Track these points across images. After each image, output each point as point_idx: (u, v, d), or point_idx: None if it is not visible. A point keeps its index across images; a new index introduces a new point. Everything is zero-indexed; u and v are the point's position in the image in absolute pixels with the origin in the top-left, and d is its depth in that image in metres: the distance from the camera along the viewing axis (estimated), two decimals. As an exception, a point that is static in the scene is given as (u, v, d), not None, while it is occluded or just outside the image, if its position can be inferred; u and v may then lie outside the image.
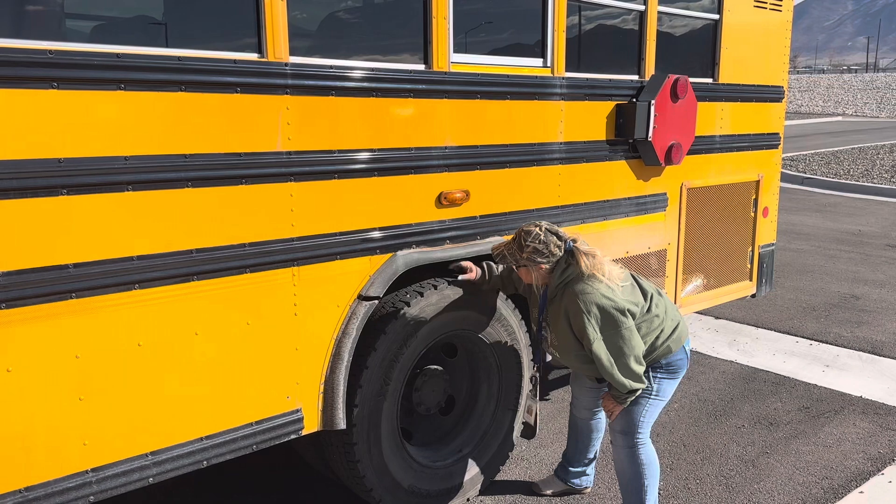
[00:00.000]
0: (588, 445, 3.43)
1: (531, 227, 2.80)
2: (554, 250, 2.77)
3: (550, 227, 2.81)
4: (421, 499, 3.25)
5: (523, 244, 2.77)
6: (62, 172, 2.15)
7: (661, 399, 2.98)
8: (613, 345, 2.73)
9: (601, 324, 2.71)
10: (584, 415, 3.38)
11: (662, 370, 2.94)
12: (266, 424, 2.72)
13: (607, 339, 2.73)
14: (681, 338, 2.95)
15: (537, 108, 3.41)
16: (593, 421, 3.38)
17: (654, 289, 2.98)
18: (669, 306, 2.98)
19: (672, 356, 2.93)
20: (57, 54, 2.12)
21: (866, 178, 13.87)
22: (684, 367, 3.00)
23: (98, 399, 2.32)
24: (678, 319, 2.97)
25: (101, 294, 2.27)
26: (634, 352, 2.76)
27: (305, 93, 2.64)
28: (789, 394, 4.65)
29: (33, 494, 2.24)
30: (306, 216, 2.70)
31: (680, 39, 4.30)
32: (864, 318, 6.11)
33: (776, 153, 4.93)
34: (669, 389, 3.00)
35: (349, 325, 2.87)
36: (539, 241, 2.76)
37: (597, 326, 2.71)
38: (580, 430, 3.41)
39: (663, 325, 2.90)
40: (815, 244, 8.87)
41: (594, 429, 3.40)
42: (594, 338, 2.72)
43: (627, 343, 2.74)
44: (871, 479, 3.65)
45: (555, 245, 2.77)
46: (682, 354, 2.97)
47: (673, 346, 2.92)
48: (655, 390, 2.94)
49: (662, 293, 3.01)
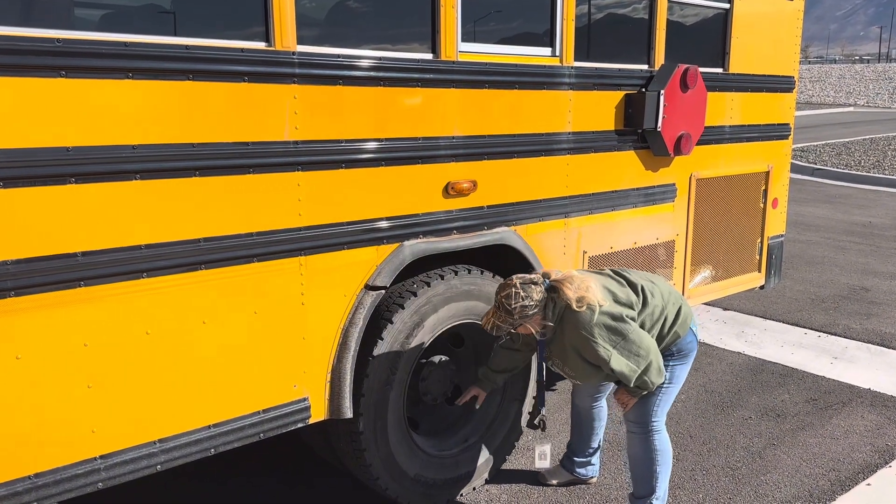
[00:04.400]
0: (591, 434, 3.43)
1: (507, 288, 2.71)
2: (537, 297, 2.69)
3: (523, 278, 2.74)
4: (427, 487, 3.26)
5: (510, 308, 2.68)
6: (70, 161, 2.16)
7: (673, 385, 2.98)
8: (629, 353, 2.71)
9: (609, 340, 2.69)
10: (586, 402, 3.38)
11: (674, 357, 2.94)
12: (273, 413, 2.73)
13: (621, 351, 2.70)
14: (686, 321, 2.93)
15: (546, 98, 3.39)
16: (595, 409, 3.38)
17: (646, 278, 2.95)
18: (666, 291, 2.94)
19: (681, 341, 2.93)
20: (65, 43, 2.12)
21: (877, 169, 13.77)
22: (694, 349, 3.00)
23: (106, 387, 2.33)
24: (679, 302, 2.94)
25: (109, 282, 2.28)
26: (651, 350, 2.75)
27: (313, 82, 2.63)
28: (797, 386, 4.64)
29: (42, 481, 2.26)
30: (314, 206, 2.70)
31: (690, 29, 4.26)
32: (874, 311, 6.08)
33: (786, 144, 4.89)
34: (682, 374, 3.00)
35: (356, 314, 2.88)
36: (521, 298, 2.67)
37: (607, 344, 2.68)
38: (582, 418, 3.42)
39: (665, 312, 2.87)
40: (825, 235, 8.82)
41: (596, 417, 3.40)
42: (609, 355, 2.69)
43: (641, 345, 2.72)
44: (878, 472, 3.64)
45: (536, 292, 2.69)
46: (690, 337, 2.96)
47: (680, 331, 2.90)
48: (669, 378, 2.94)
49: (657, 280, 2.98)
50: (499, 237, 3.29)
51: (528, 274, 2.80)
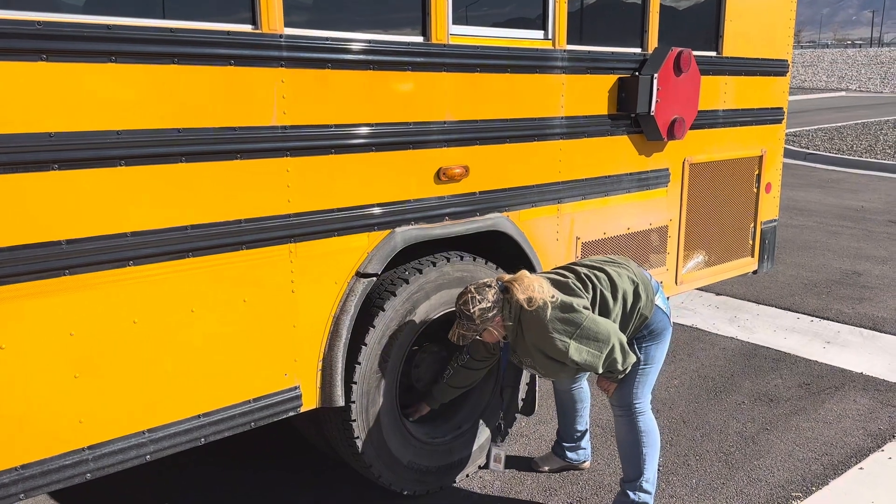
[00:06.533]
0: (575, 417, 3.42)
1: (464, 296, 2.76)
2: (493, 298, 2.73)
3: (476, 284, 2.78)
4: (420, 475, 3.25)
5: (470, 314, 2.72)
6: (53, 147, 2.11)
7: (650, 366, 2.96)
8: (587, 340, 2.70)
9: (565, 332, 2.68)
10: (565, 384, 3.38)
11: (647, 339, 2.94)
12: (264, 402, 2.70)
13: (579, 340, 2.69)
14: (649, 300, 2.89)
15: (538, 82, 3.35)
16: (575, 391, 3.38)
17: (607, 264, 2.92)
18: (626, 276, 2.88)
19: (650, 321, 2.91)
20: (46, 25, 2.07)
21: (869, 153, 13.78)
22: (667, 327, 2.97)
23: (93, 377, 2.30)
24: (637, 284, 2.88)
25: (94, 271, 2.24)
26: (611, 333, 2.73)
27: (301, 65, 2.59)
28: (790, 370, 4.64)
29: (29, 472, 2.23)
30: (303, 192, 2.66)
31: (684, 12, 4.22)
32: (866, 295, 6.09)
33: (780, 128, 4.86)
34: (658, 355, 2.98)
35: (347, 302, 2.85)
36: (478, 301, 2.72)
37: (563, 337, 2.68)
38: (565, 402, 3.42)
39: (626, 297, 2.85)
40: (818, 220, 8.83)
41: (578, 399, 3.40)
42: (567, 346, 2.68)
43: (598, 330, 2.70)
44: (871, 456, 3.65)
45: (491, 294, 2.74)
46: (660, 316, 2.93)
47: (646, 311, 2.89)
48: (644, 359, 2.94)
49: (620, 262, 2.95)
50: (491, 223, 3.26)
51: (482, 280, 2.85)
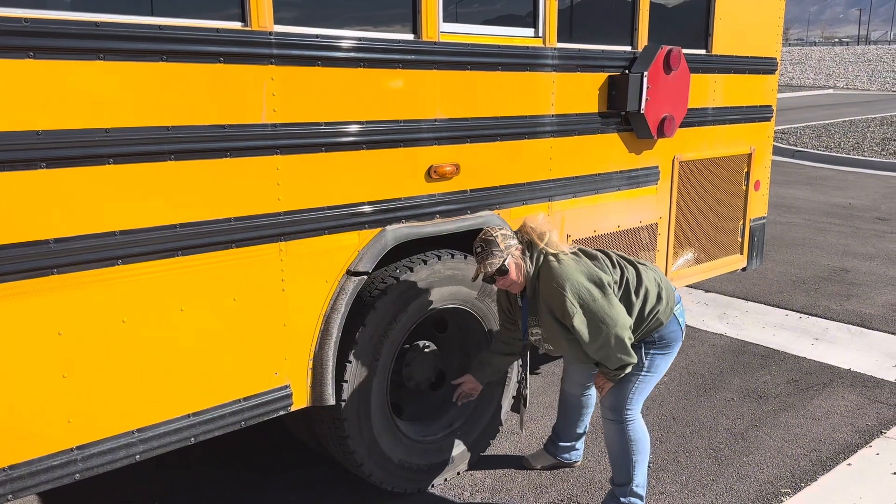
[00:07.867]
0: (577, 421, 3.42)
1: (483, 236, 2.80)
2: (509, 232, 2.83)
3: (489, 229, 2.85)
4: (412, 473, 3.25)
5: (492, 238, 2.77)
6: (40, 145, 2.09)
7: (652, 375, 2.92)
8: (594, 315, 2.68)
9: (578, 297, 2.67)
10: (575, 390, 3.37)
11: (655, 345, 2.89)
12: (254, 401, 2.69)
13: (586, 312, 2.68)
14: (669, 307, 2.88)
15: (529, 80, 3.35)
16: (583, 397, 3.37)
17: (636, 262, 2.93)
18: (651, 278, 2.88)
19: (664, 329, 2.87)
20: (33, 22, 2.05)
21: (857, 151, 13.87)
22: (678, 340, 2.94)
23: (82, 376, 2.29)
24: (661, 288, 2.88)
25: (83, 270, 2.23)
26: (618, 320, 2.70)
27: (291, 63, 2.57)
28: (778, 367, 4.67)
29: (17, 473, 2.21)
30: (293, 190, 2.65)
31: (674, 10, 4.23)
32: (854, 292, 6.14)
33: (769, 126, 4.89)
34: (663, 365, 2.94)
35: (338, 300, 2.84)
36: (497, 229, 2.81)
37: (574, 300, 2.67)
38: (570, 405, 3.40)
39: (648, 295, 2.83)
40: (806, 217, 8.88)
41: (584, 405, 3.39)
42: (573, 312, 2.67)
43: (608, 313, 2.68)
44: (858, 452, 3.68)
45: (505, 228, 2.86)
46: (674, 326, 2.90)
47: (663, 317, 2.85)
48: (647, 366, 2.89)
49: (648, 265, 2.95)
50: (482, 221, 3.25)
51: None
